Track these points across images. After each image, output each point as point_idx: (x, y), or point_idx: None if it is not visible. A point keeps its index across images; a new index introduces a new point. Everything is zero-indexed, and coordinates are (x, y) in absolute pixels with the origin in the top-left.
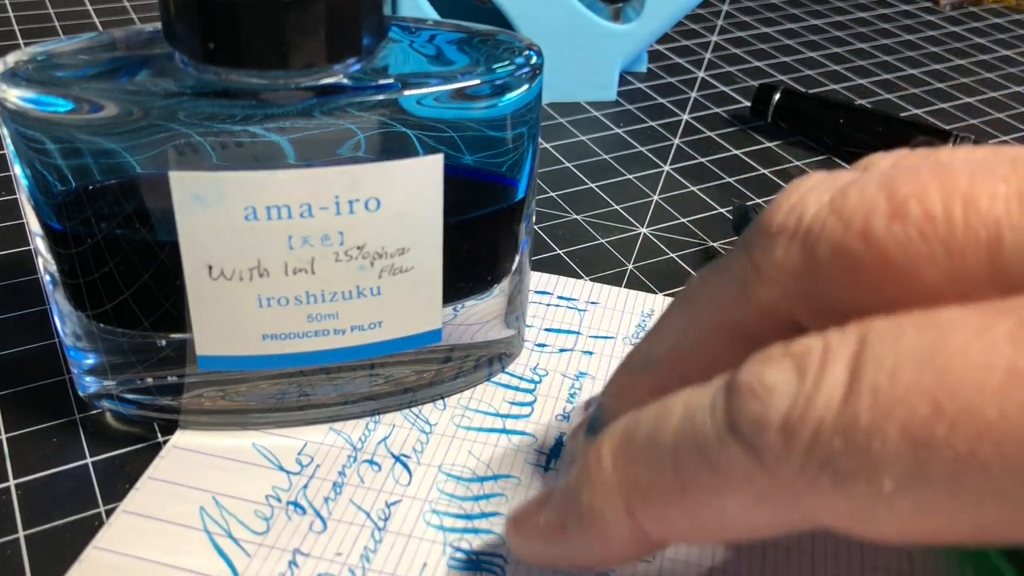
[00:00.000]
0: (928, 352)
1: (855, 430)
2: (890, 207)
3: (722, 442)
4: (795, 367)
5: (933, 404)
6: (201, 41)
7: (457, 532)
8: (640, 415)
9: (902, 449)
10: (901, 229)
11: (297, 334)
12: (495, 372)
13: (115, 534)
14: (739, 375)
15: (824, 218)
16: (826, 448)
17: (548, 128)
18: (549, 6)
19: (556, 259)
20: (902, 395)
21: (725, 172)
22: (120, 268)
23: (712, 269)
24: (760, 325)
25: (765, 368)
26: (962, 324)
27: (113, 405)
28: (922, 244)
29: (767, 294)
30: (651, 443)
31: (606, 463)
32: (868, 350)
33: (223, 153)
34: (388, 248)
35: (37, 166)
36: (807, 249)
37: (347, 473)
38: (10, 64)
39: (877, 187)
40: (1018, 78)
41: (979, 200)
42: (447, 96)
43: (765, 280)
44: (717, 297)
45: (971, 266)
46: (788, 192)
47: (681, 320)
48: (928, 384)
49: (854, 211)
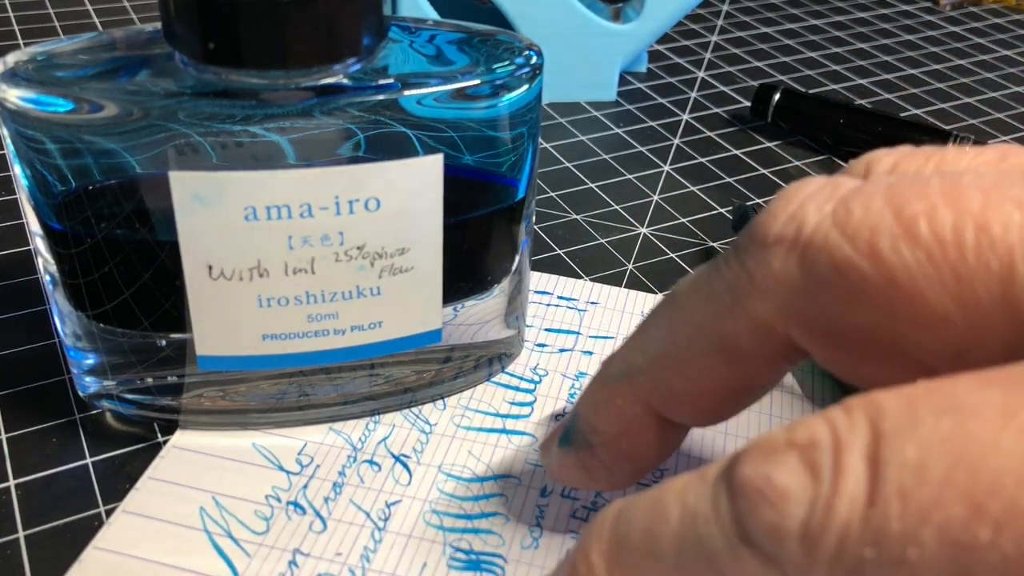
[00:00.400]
0: (954, 444)
1: (886, 538)
2: (898, 225)
3: (735, 554)
4: (806, 465)
5: (972, 504)
6: (201, 41)
7: (457, 532)
8: (629, 510)
9: (943, 556)
10: (909, 251)
11: (297, 334)
12: (495, 372)
13: (115, 534)
14: (743, 472)
15: (826, 231)
16: (855, 558)
17: (548, 128)
18: (549, 6)
19: (556, 259)
20: (935, 497)
21: (725, 172)
22: (120, 268)
23: (702, 274)
24: (752, 340)
25: (772, 466)
26: (984, 407)
27: (113, 405)
28: (930, 268)
29: (761, 307)
30: (650, 551)
31: (599, 573)
32: (885, 443)
33: (223, 153)
34: (388, 248)
35: (37, 166)
36: (806, 262)
37: (347, 473)
38: (10, 64)
39: (883, 201)
40: (1018, 78)
41: (992, 226)
42: (447, 96)
43: (759, 292)
44: (707, 306)
45: (981, 295)
46: (786, 198)
47: (666, 327)
48: (962, 482)
49: (859, 226)
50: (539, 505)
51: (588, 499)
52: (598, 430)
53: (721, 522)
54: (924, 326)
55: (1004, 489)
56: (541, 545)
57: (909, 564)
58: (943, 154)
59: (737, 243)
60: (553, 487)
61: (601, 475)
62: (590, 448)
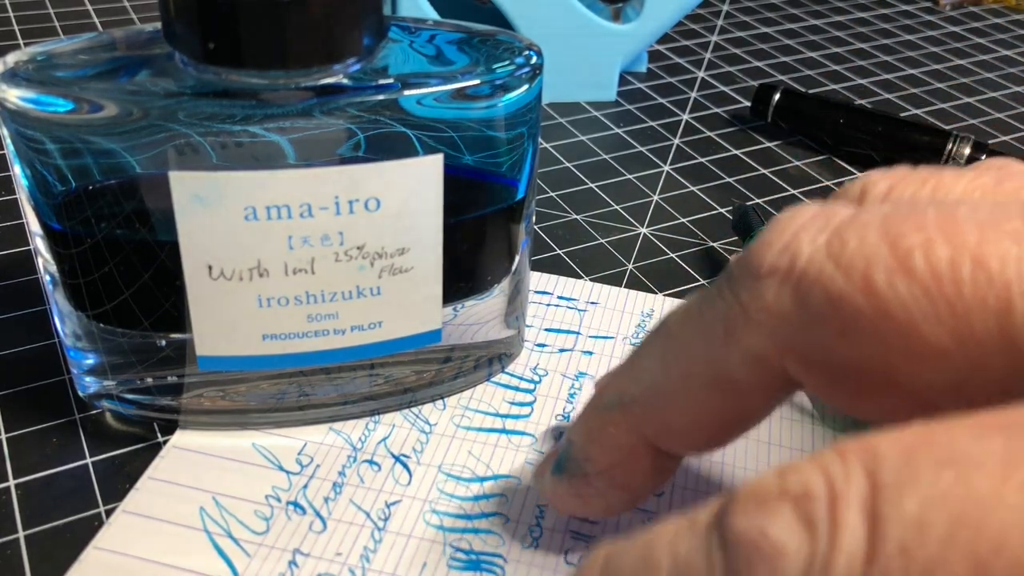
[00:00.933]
0: (956, 499)
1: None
2: (893, 259)
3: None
4: (800, 517)
5: (977, 563)
6: (201, 41)
7: (457, 532)
8: (619, 557)
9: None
10: (904, 285)
11: (297, 334)
12: (495, 372)
13: (115, 534)
14: (736, 524)
15: (820, 263)
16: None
17: (548, 128)
18: (549, 6)
19: (556, 259)
20: (937, 555)
21: (725, 172)
22: (120, 268)
23: (694, 305)
24: (746, 372)
25: (767, 519)
26: (985, 458)
27: (113, 405)
28: (926, 303)
29: (755, 340)
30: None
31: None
32: (883, 496)
33: (223, 153)
34: (388, 248)
35: (37, 166)
36: (800, 295)
37: (347, 473)
38: (10, 64)
39: (879, 234)
40: (1018, 78)
41: (989, 261)
42: (447, 96)
43: (753, 324)
44: (699, 338)
45: (978, 331)
46: (779, 228)
47: (659, 358)
48: (966, 540)
49: (853, 258)
50: (539, 505)
51: None
52: (592, 459)
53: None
54: (920, 360)
55: (1009, 547)
56: (541, 545)
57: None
58: (939, 177)
59: (730, 273)
60: None
61: (596, 503)
62: (584, 476)
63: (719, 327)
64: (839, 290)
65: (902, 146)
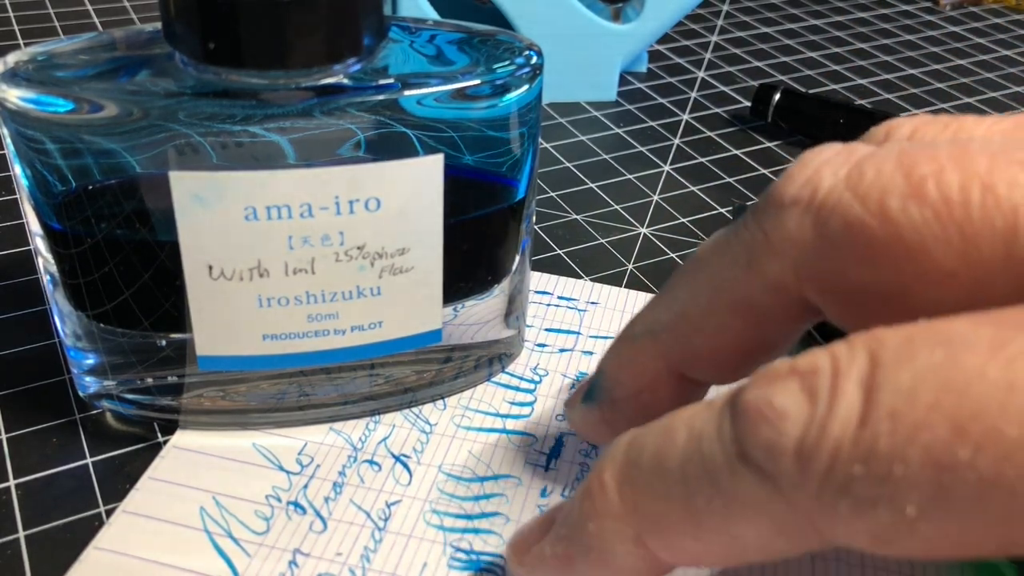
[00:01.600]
0: (945, 372)
1: (874, 456)
2: (907, 186)
3: (734, 470)
4: (805, 388)
5: (955, 427)
6: (201, 41)
7: (457, 532)
8: (641, 437)
9: (925, 474)
10: (917, 210)
11: (297, 334)
12: (495, 372)
13: (115, 534)
14: (746, 396)
15: (839, 193)
16: (844, 474)
17: (548, 128)
18: (549, 6)
19: (556, 259)
20: (922, 418)
21: (725, 172)
22: (120, 268)
23: (721, 236)
24: (768, 299)
25: (773, 390)
26: (976, 340)
27: (113, 405)
28: (937, 226)
29: (776, 266)
30: (657, 470)
31: (611, 491)
32: (881, 370)
33: (223, 153)
34: (388, 248)
35: (37, 166)
36: (819, 223)
37: (347, 473)
38: (10, 64)
39: (894, 165)
40: (1018, 78)
41: (997, 186)
42: (447, 96)
43: (775, 251)
44: (725, 266)
45: (985, 253)
46: (802, 163)
47: (687, 288)
48: (948, 407)
49: (870, 188)
50: (539, 505)
51: None
52: (621, 385)
53: (723, 441)
54: (931, 283)
55: (986, 414)
56: None
57: (894, 480)
58: (961, 122)
59: (756, 206)
60: (553, 488)
61: (622, 430)
62: (613, 403)
63: (743, 255)
64: (856, 217)
65: None
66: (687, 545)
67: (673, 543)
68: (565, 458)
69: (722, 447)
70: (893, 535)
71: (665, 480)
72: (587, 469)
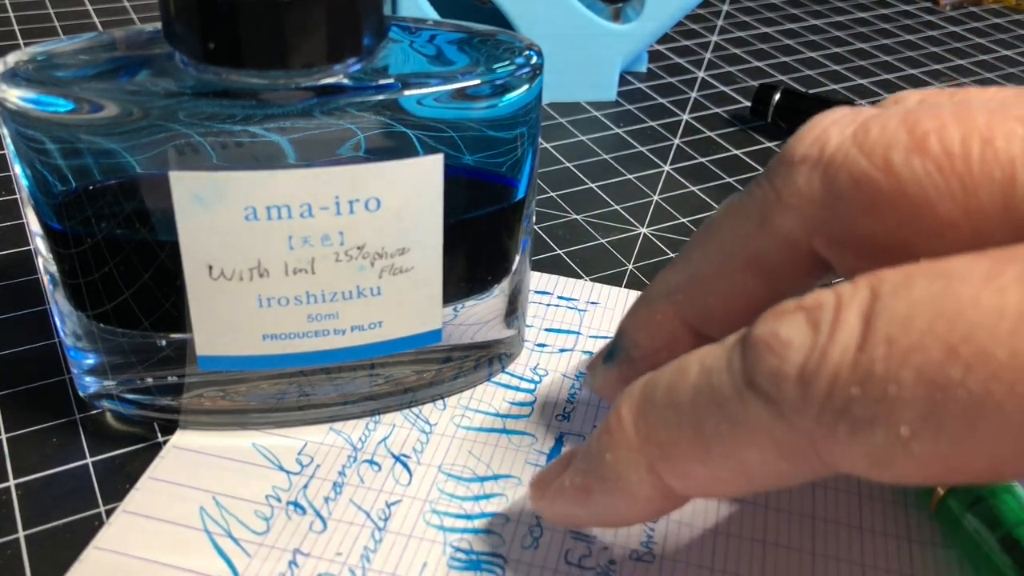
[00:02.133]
0: (940, 300)
1: (871, 378)
2: (910, 141)
3: (741, 397)
4: (809, 320)
5: (947, 349)
6: (201, 41)
7: (457, 532)
8: (657, 375)
9: (918, 393)
10: (920, 163)
11: (297, 334)
12: (495, 372)
13: (115, 534)
14: (754, 330)
15: (846, 149)
16: (843, 397)
17: (548, 128)
18: (549, 6)
19: (556, 259)
20: (916, 342)
21: (725, 172)
22: (120, 268)
23: (735, 198)
24: (780, 255)
25: (779, 323)
26: (971, 272)
27: (113, 405)
28: (939, 178)
29: (787, 222)
30: (670, 402)
31: (627, 424)
32: (880, 301)
33: (223, 153)
34: (388, 248)
35: (37, 166)
36: (828, 178)
37: (347, 473)
38: (10, 64)
39: (899, 122)
40: (1018, 78)
41: (996, 139)
42: (447, 96)
43: (786, 207)
44: (738, 225)
45: (985, 204)
46: (812, 124)
47: (703, 248)
48: (941, 331)
49: (875, 143)
50: None
51: None
52: (639, 344)
53: (732, 373)
54: (932, 234)
55: (977, 336)
56: (541, 545)
57: (889, 400)
58: (966, 91)
59: (768, 166)
60: None
61: None
62: (631, 362)
63: (756, 213)
64: (862, 171)
65: None
66: (696, 472)
67: (683, 470)
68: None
69: (731, 378)
70: (889, 456)
71: (677, 411)
72: None
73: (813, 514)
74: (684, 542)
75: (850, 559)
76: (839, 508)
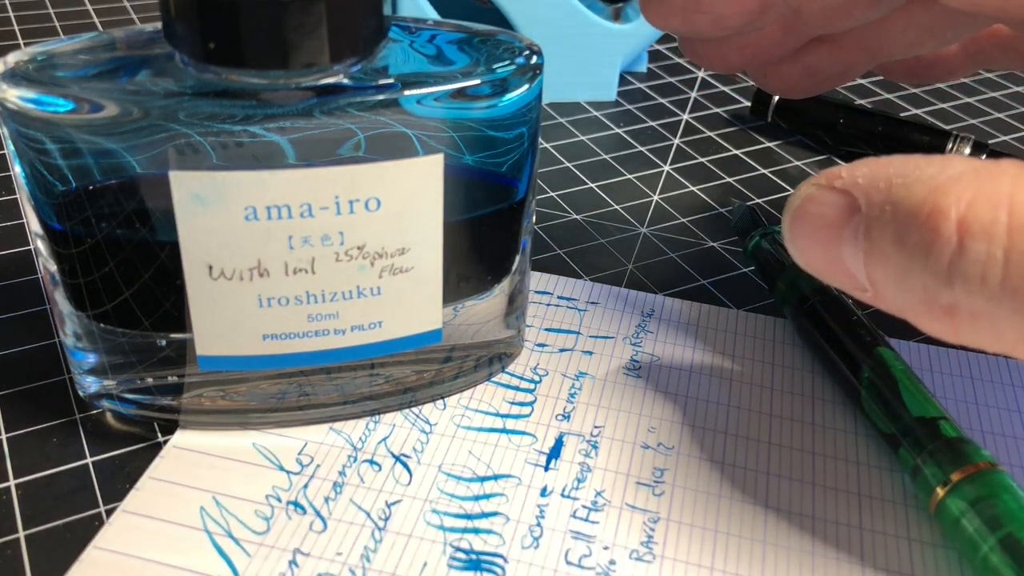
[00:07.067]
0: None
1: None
2: None
3: None
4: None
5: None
6: (201, 41)
7: (457, 532)
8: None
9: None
10: None
11: (297, 334)
12: (495, 372)
13: (115, 534)
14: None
15: None
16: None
17: (548, 128)
18: (549, 6)
19: (556, 259)
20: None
21: (725, 172)
22: (120, 268)
23: None
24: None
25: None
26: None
27: (113, 405)
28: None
29: None
30: None
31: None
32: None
33: (223, 153)
34: (388, 248)
35: (37, 166)
36: None
37: (347, 473)
38: (10, 64)
39: None
40: (1018, 78)
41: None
42: (447, 96)
43: None
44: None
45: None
46: None
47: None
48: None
49: None
50: (539, 505)
51: (588, 499)
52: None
53: None
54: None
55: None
56: (541, 545)
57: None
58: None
59: None
60: (553, 487)
61: (701, 20)
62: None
63: None
64: None
65: (902, 146)
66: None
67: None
68: (565, 458)
69: None
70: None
71: None
72: (587, 469)
73: (813, 514)
74: (684, 542)
75: (850, 559)
76: (839, 508)
